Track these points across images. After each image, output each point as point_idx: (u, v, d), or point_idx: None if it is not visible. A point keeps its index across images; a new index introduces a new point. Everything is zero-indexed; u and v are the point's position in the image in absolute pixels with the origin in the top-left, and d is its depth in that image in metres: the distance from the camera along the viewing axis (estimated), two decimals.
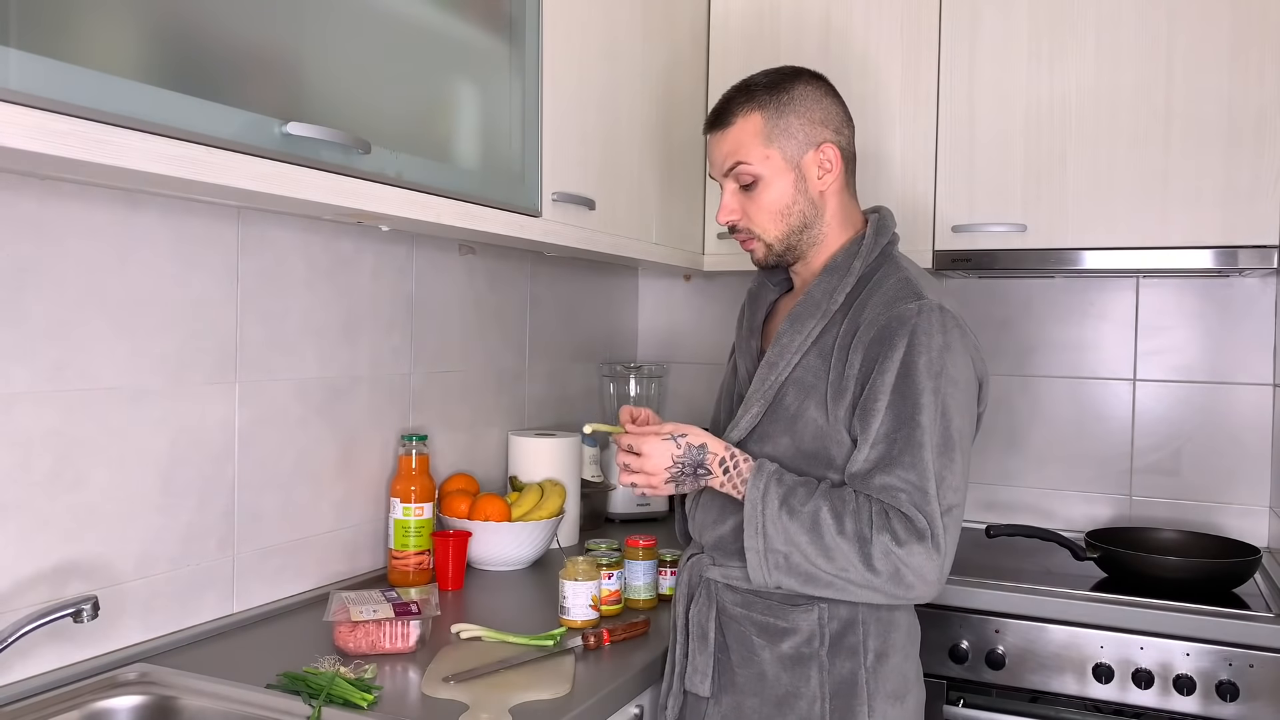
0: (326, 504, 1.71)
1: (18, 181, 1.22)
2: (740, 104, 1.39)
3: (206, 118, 1.06)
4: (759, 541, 1.27)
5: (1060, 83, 2.03)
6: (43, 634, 1.26)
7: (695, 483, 1.34)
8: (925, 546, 1.22)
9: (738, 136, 1.39)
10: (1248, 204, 1.89)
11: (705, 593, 1.39)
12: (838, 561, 1.23)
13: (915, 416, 1.24)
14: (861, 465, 1.27)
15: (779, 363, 1.36)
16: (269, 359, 1.59)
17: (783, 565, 1.26)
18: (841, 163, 1.40)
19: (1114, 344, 2.31)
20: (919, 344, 1.25)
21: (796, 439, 1.33)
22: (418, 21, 1.38)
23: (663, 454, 1.32)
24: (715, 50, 2.33)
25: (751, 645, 1.35)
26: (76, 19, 0.94)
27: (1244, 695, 1.65)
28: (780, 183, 1.38)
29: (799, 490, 1.27)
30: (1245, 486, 2.20)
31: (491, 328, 2.15)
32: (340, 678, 1.26)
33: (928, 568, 1.22)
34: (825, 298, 1.35)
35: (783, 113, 1.37)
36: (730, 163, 1.39)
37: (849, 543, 1.22)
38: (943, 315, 1.27)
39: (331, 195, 1.24)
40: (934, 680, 1.84)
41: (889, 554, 1.21)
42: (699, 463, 1.32)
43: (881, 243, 1.39)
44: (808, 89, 1.39)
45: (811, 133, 1.38)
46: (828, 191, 1.40)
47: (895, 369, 1.25)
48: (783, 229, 1.39)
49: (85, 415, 1.31)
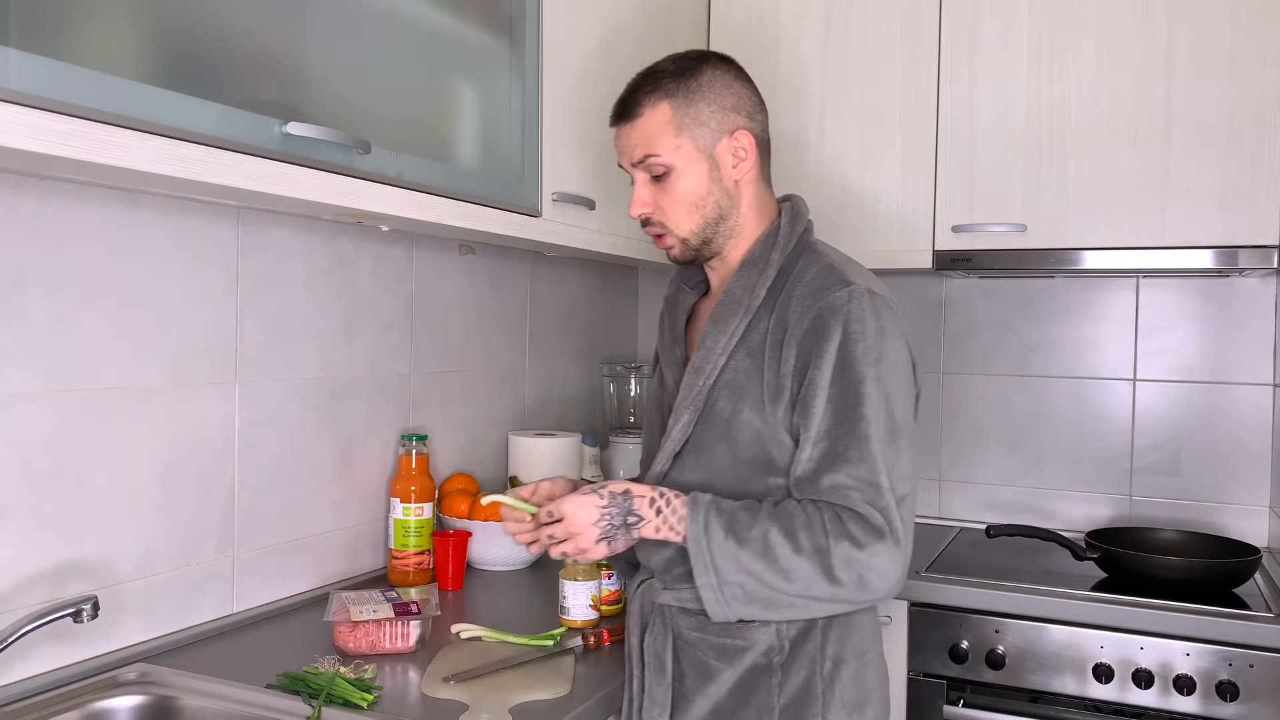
0: (326, 504, 1.71)
1: (18, 181, 1.22)
2: (647, 93, 1.31)
3: (206, 118, 1.06)
4: (711, 577, 1.19)
5: (1060, 82, 2.03)
6: (43, 634, 1.26)
7: (629, 534, 1.23)
8: (886, 544, 1.17)
9: (646, 128, 1.31)
10: (1248, 204, 1.89)
11: (659, 620, 1.31)
12: (799, 582, 1.17)
13: (858, 408, 1.19)
14: (806, 466, 1.21)
15: (705, 366, 1.29)
16: (269, 359, 1.59)
17: (740, 596, 1.19)
18: (756, 150, 1.33)
19: (1114, 344, 2.31)
20: (853, 332, 1.20)
21: (733, 446, 1.26)
22: (418, 21, 1.38)
23: (586, 510, 1.22)
24: (715, 50, 2.32)
25: (708, 670, 1.27)
26: (76, 19, 0.94)
27: (1244, 695, 1.65)
28: (693, 173, 1.30)
29: (741, 515, 1.20)
30: (1245, 486, 2.20)
31: (491, 328, 2.14)
32: (340, 678, 1.26)
33: (892, 565, 1.17)
34: (746, 293, 1.29)
35: (692, 100, 1.30)
36: (640, 154, 1.32)
37: (807, 559, 1.17)
38: (873, 299, 1.22)
39: (331, 195, 1.24)
40: (934, 680, 1.84)
41: (851, 561, 1.16)
42: (628, 510, 1.22)
43: (798, 231, 1.33)
44: (717, 73, 1.32)
45: (724, 120, 1.31)
46: (743, 181, 1.33)
47: (832, 360, 1.20)
48: (698, 222, 1.32)
49: (85, 415, 1.31)
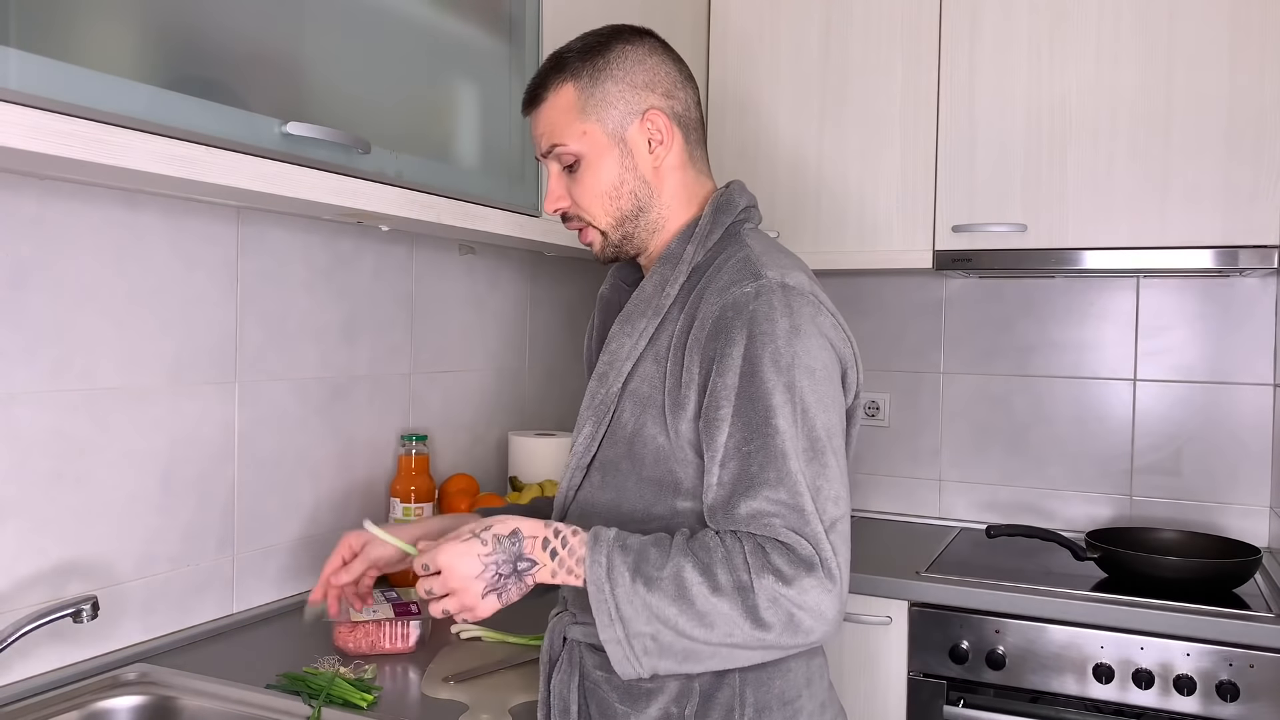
0: (326, 504, 1.71)
1: (18, 181, 1.22)
2: (552, 76, 1.18)
3: (206, 118, 1.06)
4: (618, 629, 1.01)
5: (1060, 82, 2.03)
6: (43, 634, 1.26)
7: (520, 582, 1.05)
8: (817, 578, 1.00)
9: (550, 114, 1.18)
10: (1248, 204, 1.89)
11: (567, 658, 1.17)
12: (720, 628, 1.00)
13: (770, 420, 1.03)
14: (718, 493, 1.05)
15: (609, 373, 1.15)
16: (269, 359, 1.59)
17: (653, 650, 1.01)
18: (677, 131, 1.18)
19: (1114, 344, 2.31)
20: (760, 332, 1.04)
21: (636, 464, 1.12)
22: (418, 21, 1.38)
23: (467, 561, 1.03)
24: (715, 50, 2.33)
25: (615, 715, 1.12)
26: (76, 19, 0.94)
27: (1244, 695, 1.65)
28: (604, 161, 1.16)
29: (650, 553, 1.02)
30: (1245, 486, 2.20)
31: (491, 328, 2.15)
32: (340, 678, 1.26)
33: (825, 602, 1.00)
34: (657, 291, 1.15)
35: (598, 80, 1.16)
36: (547, 144, 1.19)
37: (727, 600, 0.99)
38: (786, 294, 1.07)
39: (331, 195, 1.24)
40: (934, 680, 1.84)
41: (777, 600, 0.99)
42: (517, 555, 1.04)
43: (724, 221, 1.17)
44: (627, 49, 1.17)
45: (633, 99, 1.16)
46: (663, 167, 1.18)
47: (737, 367, 1.04)
48: (614, 214, 1.18)
49: (85, 415, 1.31)
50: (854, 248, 2.18)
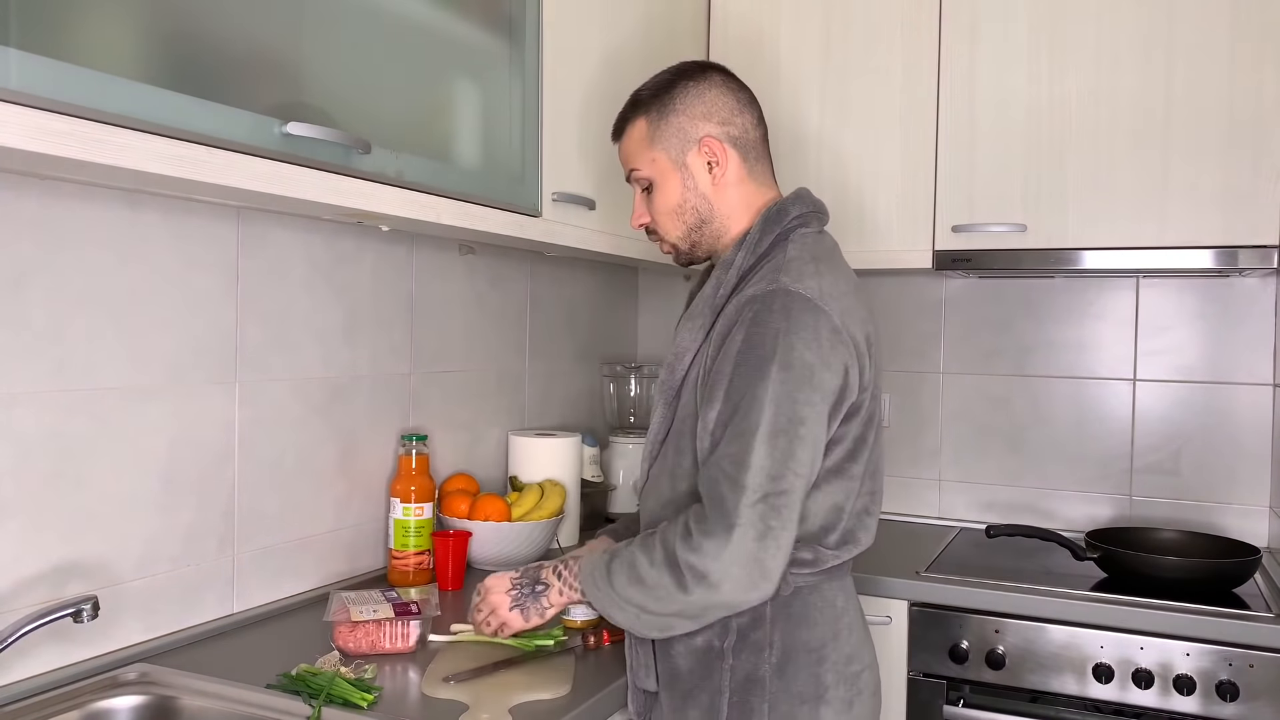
0: (326, 504, 1.71)
1: (18, 181, 1.22)
2: (630, 112, 1.43)
3: (206, 118, 1.06)
4: (617, 619, 1.26)
5: (1060, 83, 2.03)
6: (43, 634, 1.26)
7: (537, 601, 1.33)
8: (717, 541, 1.16)
9: (628, 145, 1.43)
10: (1248, 204, 1.89)
11: None
12: (664, 599, 1.20)
13: (749, 403, 1.20)
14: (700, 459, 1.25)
15: (676, 363, 1.34)
16: (269, 359, 1.59)
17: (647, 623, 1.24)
18: (733, 153, 1.38)
19: (1114, 344, 2.31)
20: (754, 333, 1.22)
21: (691, 441, 1.30)
22: (418, 21, 1.38)
23: (499, 583, 1.36)
24: (715, 51, 2.33)
25: (672, 640, 1.32)
26: (76, 19, 0.94)
27: (1244, 695, 1.65)
28: (669, 184, 1.39)
29: (621, 552, 1.25)
30: (1245, 486, 2.20)
31: (491, 328, 2.15)
32: (340, 678, 1.26)
33: (726, 554, 1.16)
34: (713, 293, 1.34)
35: (665, 114, 1.38)
36: (627, 169, 1.45)
37: (660, 571, 1.20)
38: (788, 298, 1.22)
39: (331, 195, 1.24)
40: (934, 680, 1.84)
41: (690, 565, 1.17)
42: (535, 580, 1.34)
43: (773, 230, 1.34)
44: (689, 86, 1.39)
45: (691, 129, 1.38)
46: (721, 184, 1.38)
47: (734, 355, 1.23)
48: (681, 228, 1.41)
49: (85, 415, 1.31)
50: (854, 248, 2.18)
